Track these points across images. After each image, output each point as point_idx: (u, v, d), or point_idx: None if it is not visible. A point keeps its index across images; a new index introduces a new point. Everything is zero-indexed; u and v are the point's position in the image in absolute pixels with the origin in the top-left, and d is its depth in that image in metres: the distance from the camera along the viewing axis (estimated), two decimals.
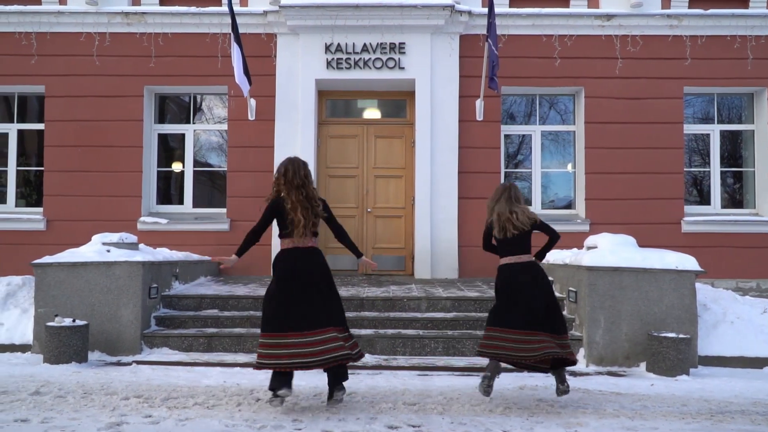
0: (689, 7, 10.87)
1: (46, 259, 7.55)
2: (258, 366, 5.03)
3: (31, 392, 5.55)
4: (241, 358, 7.15)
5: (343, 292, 8.17)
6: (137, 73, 10.88)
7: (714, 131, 11.22)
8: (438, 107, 10.77)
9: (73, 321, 6.99)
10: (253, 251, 10.63)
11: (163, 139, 11.47)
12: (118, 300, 7.41)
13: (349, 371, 6.29)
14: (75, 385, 5.85)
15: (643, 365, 7.16)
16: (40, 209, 10.92)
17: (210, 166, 11.59)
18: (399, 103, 11.45)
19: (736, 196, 11.41)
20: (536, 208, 11.12)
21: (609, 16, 10.76)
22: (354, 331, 7.32)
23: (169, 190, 11.56)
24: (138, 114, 10.92)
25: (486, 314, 7.87)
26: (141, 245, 8.37)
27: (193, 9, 10.79)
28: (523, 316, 5.33)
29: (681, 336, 6.89)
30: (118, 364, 7.01)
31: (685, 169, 10.96)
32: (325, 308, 5.15)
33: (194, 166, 11.36)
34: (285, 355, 4.93)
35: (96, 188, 10.78)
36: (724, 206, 11.21)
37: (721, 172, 11.24)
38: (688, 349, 6.88)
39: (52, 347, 6.76)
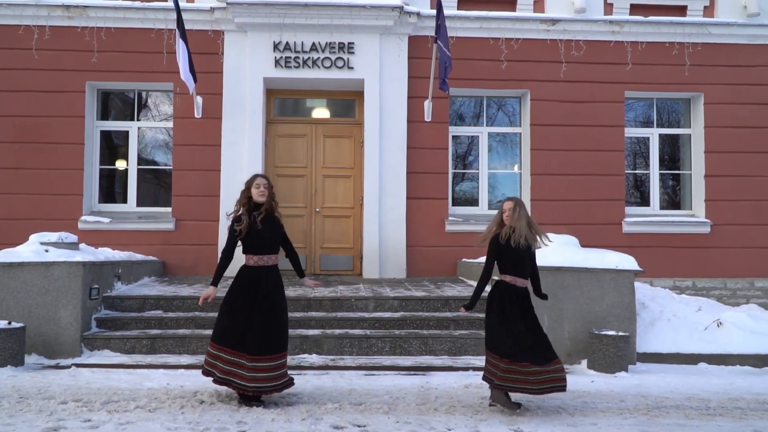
0: (630, 14, 11.18)
1: None
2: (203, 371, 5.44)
3: None
4: (186, 359, 7.05)
5: (290, 292, 8.13)
6: (79, 68, 10.59)
7: (653, 135, 11.56)
8: (387, 107, 10.80)
9: (9, 323, 6.75)
10: (197, 250, 10.56)
11: (106, 136, 11.20)
12: (56, 301, 7.20)
13: (296, 372, 6.32)
14: (10, 390, 5.67)
15: (584, 362, 7.34)
16: None
17: (155, 164, 11.37)
18: (348, 103, 11.44)
19: (674, 197, 11.77)
20: (483, 208, 11.27)
21: (554, 21, 10.97)
22: (301, 332, 7.39)
23: (112, 188, 11.28)
24: (79, 110, 10.63)
25: (432, 314, 8.00)
26: (82, 245, 8.16)
27: (137, 3, 10.56)
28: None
29: (620, 334, 7.09)
30: (57, 367, 6.81)
31: (626, 171, 11.26)
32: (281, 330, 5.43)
33: (138, 164, 11.12)
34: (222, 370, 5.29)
35: (35, 186, 10.45)
36: (662, 207, 11.57)
37: (660, 175, 11.59)
38: (627, 347, 7.08)
39: None
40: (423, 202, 10.82)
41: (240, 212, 5.50)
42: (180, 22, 9.38)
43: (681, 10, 11.31)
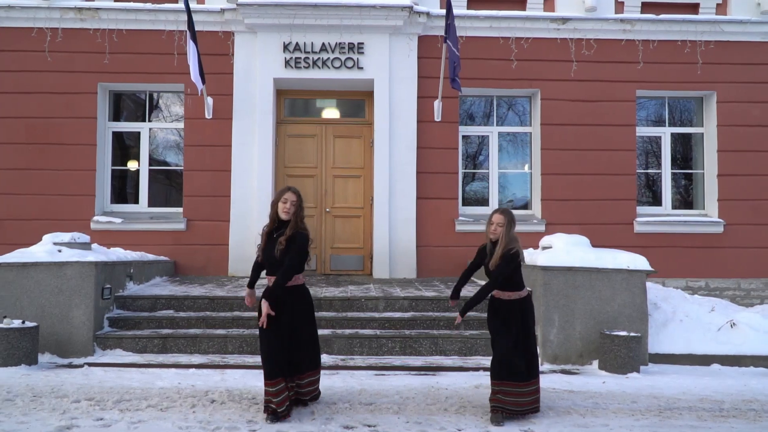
0: (641, 12, 11.12)
1: None
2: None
3: None
4: (197, 359, 7.08)
5: None
6: (91, 70, 10.66)
7: (665, 134, 11.49)
8: (396, 107, 10.80)
9: (23, 322, 6.82)
10: (208, 250, 10.61)
11: (118, 137, 11.26)
12: (69, 301, 7.25)
13: None
14: (24, 388, 5.72)
15: (595, 363, 7.30)
16: None
17: (167, 164, 11.42)
18: (358, 103, 11.45)
19: (687, 197, 11.70)
20: (493, 208, 11.20)
21: (564, 20, 10.93)
22: None
23: (124, 189, 11.34)
24: (91, 111, 10.69)
25: (443, 314, 7.99)
26: (94, 245, 8.21)
27: (148, 5, 10.62)
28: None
29: (632, 334, 7.04)
30: (70, 366, 6.86)
31: (637, 171, 11.20)
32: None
33: (150, 165, 11.18)
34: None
35: (48, 187, 10.53)
36: (674, 207, 11.50)
37: (672, 174, 11.52)
38: (638, 347, 7.03)
39: (0, 349, 6.58)
40: (433, 202, 10.80)
41: (263, 231, 5.20)
42: (190, 23, 9.41)
43: (693, 7, 11.24)
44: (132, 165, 11.24)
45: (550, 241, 8.20)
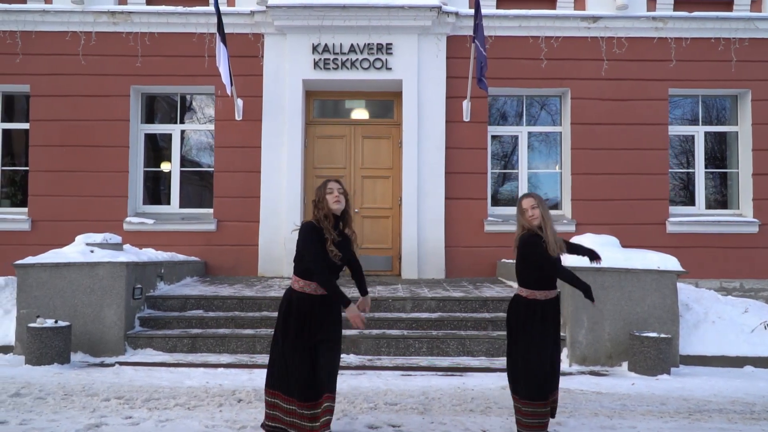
0: (674, 10, 10.93)
1: (29, 259, 7.52)
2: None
3: (11, 394, 5.54)
4: (225, 358, 7.16)
5: None
6: (123, 73, 10.85)
7: (698, 132, 11.29)
8: (425, 108, 10.79)
9: (56, 322, 6.97)
10: (238, 251, 10.70)
11: (150, 138, 11.44)
12: (101, 301, 7.39)
13: None
14: (56, 387, 5.84)
15: (625, 365, 7.21)
16: (25, 209, 10.87)
17: (199, 165, 11.57)
18: (386, 104, 11.46)
19: (721, 196, 11.48)
20: None
21: (595, 18, 10.81)
22: None
23: (156, 190, 11.52)
24: (124, 114, 10.88)
25: (470, 314, 7.96)
26: (126, 246, 8.36)
27: (179, 9, 10.77)
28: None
29: (662, 336, 6.94)
30: (101, 365, 6.99)
31: (670, 170, 11.03)
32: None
33: (181, 166, 11.33)
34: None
35: (82, 188, 10.74)
36: (708, 207, 11.29)
37: (706, 173, 11.31)
38: (669, 349, 6.92)
39: (33, 348, 6.73)
40: (462, 202, 10.76)
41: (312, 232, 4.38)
42: (220, 26, 9.52)
43: (727, 5, 11.02)
44: (165, 166, 11.40)
45: (578, 242, 8.03)
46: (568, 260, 7.49)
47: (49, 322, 6.92)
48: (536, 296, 4.50)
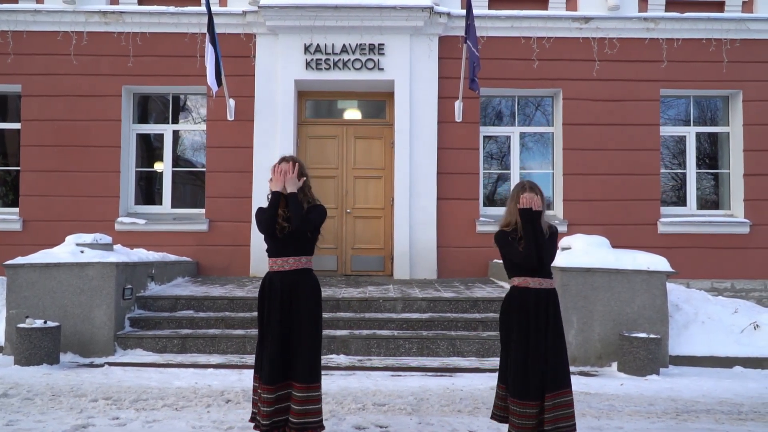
0: (666, 11, 10.95)
1: (18, 259, 7.50)
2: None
3: None
4: (215, 359, 7.15)
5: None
6: (115, 73, 10.82)
7: (690, 133, 11.33)
8: (417, 108, 10.80)
9: (45, 322, 6.95)
10: (230, 251, 10.70)
11: (143, 138, 11.42)
12: (91, 301, 7.37)
13: (323, 372, 6.29)
14: (44, 387, 5.83)
15: (614, 365, 7.22)
16: (16, 209, 10.83)
17: (191, 166, 11.55)
18: (378, 104, 11.47)
19: (712, 197, 11.51)
20: None
21: (586, 19, 10.83)
22: (329, 332, 7.38)
23: (148, 190, 11.50)
24: (116, 114, 10.85)
25: (461, 315, 7.97)
26: (117, 246, 8.34)
27: (171, 9, 10.75)
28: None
29: (651, 336, 6.96)
30: (91, 365, 6.97)
31: (661, 171, 11.06)
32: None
33: (173, 166, 11.30)
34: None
35: (73, 188, 10.71)
36: (699, 207, 11.32)
37: (697, 174, 11.35)
38: (658, 349, 6.94)
39: (22, 349, 6.71)
40: (454, 202, 10.78)
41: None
42: (211, 26, 9.49)
43: (719, 6, 11.05)
44: (157, 166, 11.38)
45: (569, 242, 8.13)
46: (558, 261, 7.52)
47: (39, 323, 6.91)
48: (528, 284, 4.21)
